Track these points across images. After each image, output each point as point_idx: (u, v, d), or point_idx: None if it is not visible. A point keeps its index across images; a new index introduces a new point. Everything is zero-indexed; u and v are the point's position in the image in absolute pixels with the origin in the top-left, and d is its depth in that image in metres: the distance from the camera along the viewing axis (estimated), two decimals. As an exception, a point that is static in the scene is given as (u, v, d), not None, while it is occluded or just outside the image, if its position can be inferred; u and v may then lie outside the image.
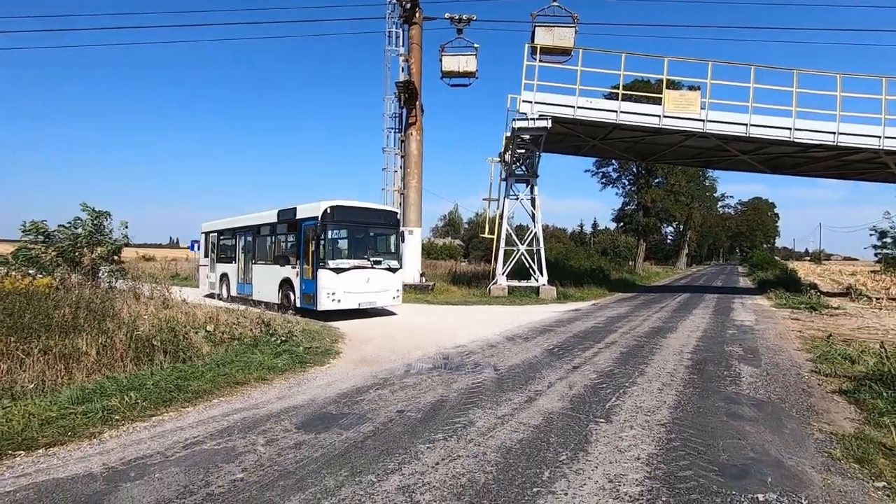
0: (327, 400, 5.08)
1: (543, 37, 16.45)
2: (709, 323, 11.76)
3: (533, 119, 15.61)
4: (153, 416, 4.51)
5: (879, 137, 15.14)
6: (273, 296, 12.48)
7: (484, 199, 22.83)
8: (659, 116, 15.56)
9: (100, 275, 10.61)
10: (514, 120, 16.00)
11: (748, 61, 20.45)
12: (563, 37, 16.51)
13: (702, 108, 15.51)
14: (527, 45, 16.18)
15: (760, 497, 3.09)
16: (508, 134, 17.01)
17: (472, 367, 6.64)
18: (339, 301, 11.00)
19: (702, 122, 15.46)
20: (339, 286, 10.98)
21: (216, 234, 16.16)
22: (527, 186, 18.59)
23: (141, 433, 4.11)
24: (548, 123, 15.49)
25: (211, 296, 14.84)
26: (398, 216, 13.11)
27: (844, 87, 15.07)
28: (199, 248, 17.66)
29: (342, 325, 10.32)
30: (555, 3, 16.79)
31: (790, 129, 15.26)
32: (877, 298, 18.06)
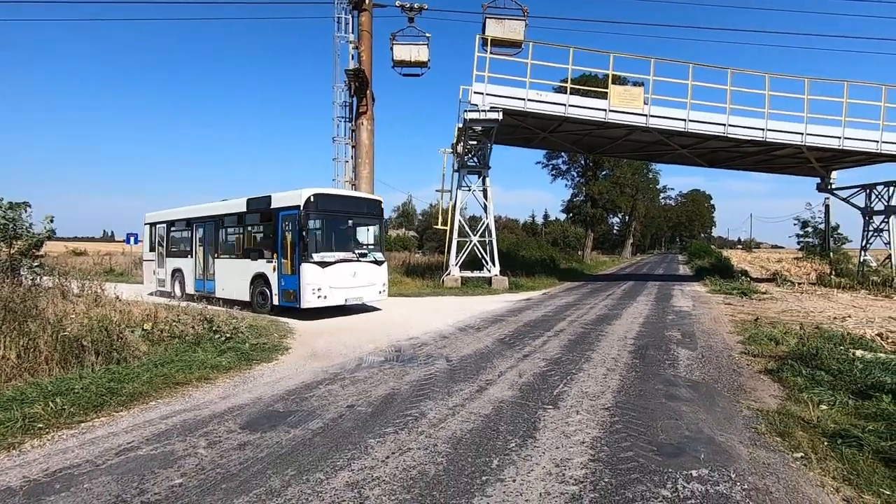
0: (274, 398, 4.94)
1: (494, 28, 16.54)
2: (651, 310, 12.34)
3: (484, 111, 15.70)
4: (82, 422, 4.21)
5: (802, 134, 16.32)
6: (242, 293, 11.51)
7: (437, 191, 22.85)
8: (605, 111, 16.04)
9: (21, 272, 9.77)
10: (465, 111, 16.03)
11: (690, 59, 21.39)
12: (513, 29, 16.67)
13: (645, 104, 16.13)
14: (478, 37, 16.22)
15: (694, 473, 3.28)
16: (461, 125, 17.04)
17: (424, 359, 6.65)
18: (324, 297, 10.17)
19: (645, 117, 16.09)
20: (324, 281, 10.17)
21: (165, 225, 14.72)
22: (479, 178, 18.72)
23: (68, 441, 3.83)
24: (499, 115, 15.63)
25: (160, 293, 13.86)
26: (382, 205, 12.33)
27: (772, 87, 16.14)
28: (141, 242, 16.26)
29: (293, 320, 10.05)
30: (505, -5, 16.90)
31: (725, 125, 16.17)
32: (799, 283, 19.59)
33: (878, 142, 16.46)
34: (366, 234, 11.80)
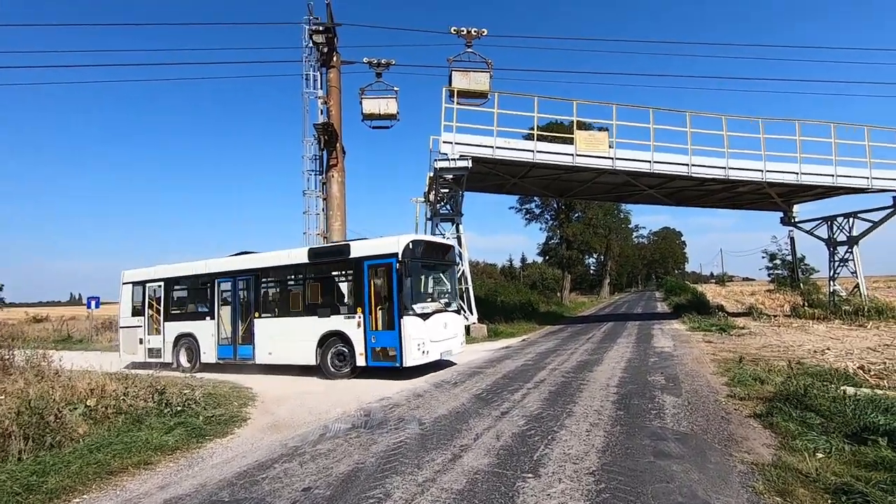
0: (221, 483, 4.37)
1: (460, 81, 16.99)
2: (632, 352, 12.05)
3: (454, 159, 15.82)
4: (-14, 531, 3.59)
5: (762, 171, 16.88)
6: (304, 356, 10.23)
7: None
8: (572, 155, 16.36)
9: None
10: (436, 160, 16.13)
11: (651, 104, 22.29)
12: (478, 81, 17.15)
13: (610, 147, 16.53)
14: (444, 89, 16.57)
15: (692, 553, 2.88)
16: (432, 174, 17.10)
17: (395, 424, 6.14)
18: (426, 353, 9.38)
19: (611, 160, 16.44)
20: (426, 335, 9.40)
21: (160, 284, 12.88)
22: (452, 225, 18.64)
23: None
24: (468, 163, 15.75)
25: (144, 365, 11.88)
26: (457, 251, 11.50)
27: (730, 128, 16.77)
28: (105, 305, 14.64)
29: (258, 384, 9.39)
30: (469, 50, 17.51)
31: (688, 164, 16.62)
32: (774, 316, 19.70)
33: (833, 175, 17.11)
34: (448, 282, 11.14)
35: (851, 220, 19.14)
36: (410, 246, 9.46)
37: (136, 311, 13.31)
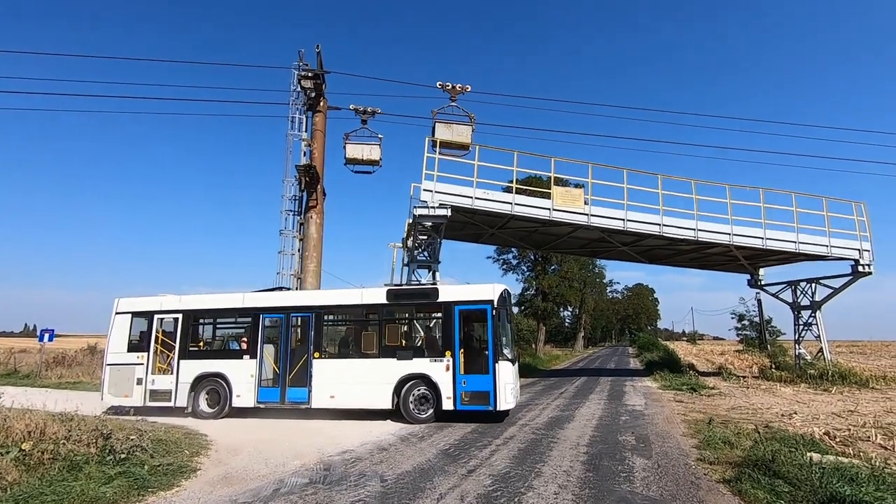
0: (159, 543, 4.01)
1: (443, 132, 17.46)
2: (604, 409, 11.89)
3: (433, 207, 15.99)
4: None
5: (729, 234, 17.53)
6: (378, 399, 9.91)
7: (386, 285, 22.48)
8: (549, 209, 16.75)
9: None
10: (415, 207, 16.28)
11: (625, 165, 23.24)
12: (461, 133, 17.66)
13: (586, 204, 17.01)
14: (427, 139, 16.98)
15: None
16: (411, 220, 17.21)
17: (355, 480, 5.82)
18: (516, 397, 9.77)
19: (586, 216, 16.87)
20: (514, 379, 9.78)
21: (176, 316, 11.45)
22: (429, 272, 18.58)
23: None
24: (448, 212, 15.94)
25: (141, 411, 10.76)
26: None
27: (699, 192, 17.54)
28: (110, 337, 11.72)
29: (216, 431, 8.86)
30: (453, 104, 18.13)
31: (660, 224, 17.17)
32: (743, 377, 19.89)
33: (796, 242, 17.87)
34: (510, 330, 11.18)
35: (814, 285, 19.84)
36: (503, 294, 9.92)
37: (135, 347, 11.57)
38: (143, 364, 11.36)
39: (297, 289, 16.89)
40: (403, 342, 10.41)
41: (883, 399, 13.51)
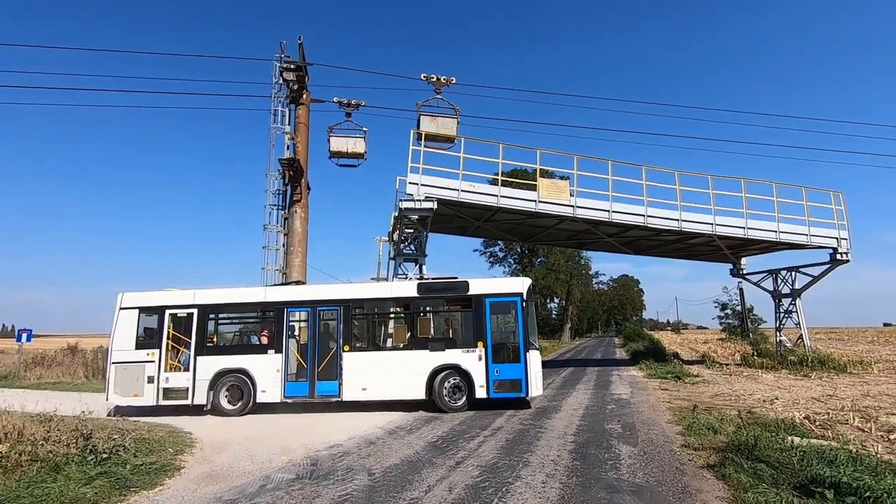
0: (141, 543, 3.93)
1: (428, 125, 17.34)
2: (590, 399, 12.01)
3: (419, 200, 15.90)
4: None
5: (712, 224, 17.75)
6: (410, 390, 10.18)
7: (372, 279, 22.38)
8: (535, 201, 16.77)
9: None
10: (401, 200, 16.19)
11: (610, 156, 23.33)
12: (446, 126, 17.55)
13: (571, 195, 17.07)
14: (413, 132, 16.87)
15: None
16: (396, 214, 17.12)
17: (342, 474, 5.78)
18: (540, 385, 10.27)
19: (572, 208, 16.93)
20: (540, 367, 10.25)
21: (191, 311, 10.94)
22: (415, 266, 18.54)
23: None
24: (433, 205, 15.86)
25: (152, 411, 10.43)
26: None
27: (683, 183, 17.68)
28: (114, 334, 10.94)
29: (199, 429, 8.74)
30: (438, 96, 18.00)
31: (644, 215, 17.31)
32: (726, 365, 20.27)
33: (776, 231, 18.17)
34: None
35: (794, 273, 20.22)
36: (530, 287, 10.58)
37: (145, 343, 10.89)
38: (154, 361, 10.76)
39: (281, 284, 16.72)
40: (433, 334, 10.80)
41: (860, 383, 13.87)
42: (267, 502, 4.83)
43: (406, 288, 10.96)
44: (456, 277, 11.14)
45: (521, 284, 10.57)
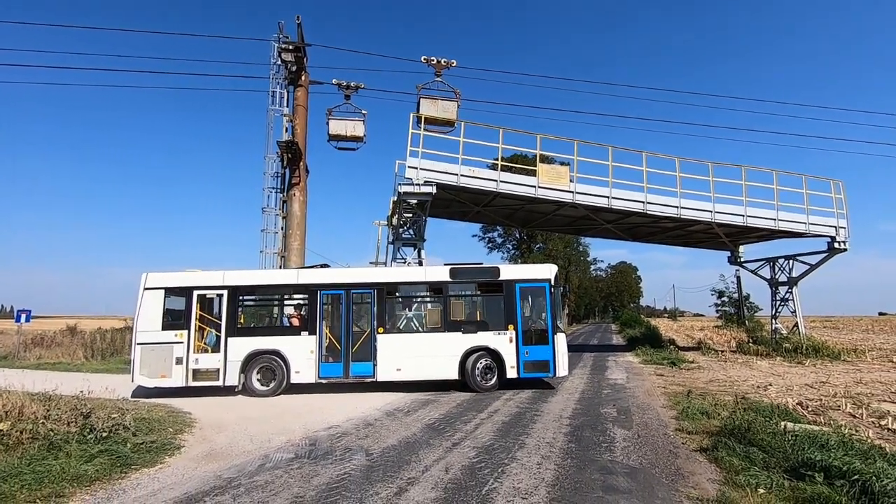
0: (142, 519, 4.00)
1: (428, 108, 17.16)
2: (586, 383, 12.13)
3: (418, 184, 15.83)
4: None
5: (711, 212, 17.73)
6: (444, 370, 10.58)
7: (371, 263, 22.38)
8: (534, 187, 16.71)
9: None
10: (400, 184, 16.11)
11: (610, 142, 23.18)
12: (446, 109, 17.37)
13: (571, 181, 17.00)
14: (412, 115, 16.71)
15: None
16: (395, 198, 17.04)
17: (340, 454, 5.86)
18: (567, 365, 10.91)
19: (571, 194, 16.88)
20: (566, 349, 10.84)
21: (221, 292, 10.84)
22: (414, 250, 18.52)
23: None
24: (433, 189, 15.80)
25: (182, 391, 10.36)
26: None
27: (682, 170, 17.61)
28: (139, 314, 10.72)
29: (199, 409, 8.82)
30: (438, 79, 17.79)
31: (643, 202, 17.27)
32: (721, 351, 20.44)
33: (775, 220, 18.17)
34: None
35: (791, 262, 20.28)
36: (557, 273, 11.09)
37: (172, 325, 10.66)
38: (182, 342, 10.56)
39: (280, 267, 16.72)
40: (466, 317, 11.23)
41: (853, 371, 14.02)
42: (266, 480, 4.89)
43: (439, 272, 11.26)
44: (481, 263, 11.70)
45: (549, 271, 11.05)
